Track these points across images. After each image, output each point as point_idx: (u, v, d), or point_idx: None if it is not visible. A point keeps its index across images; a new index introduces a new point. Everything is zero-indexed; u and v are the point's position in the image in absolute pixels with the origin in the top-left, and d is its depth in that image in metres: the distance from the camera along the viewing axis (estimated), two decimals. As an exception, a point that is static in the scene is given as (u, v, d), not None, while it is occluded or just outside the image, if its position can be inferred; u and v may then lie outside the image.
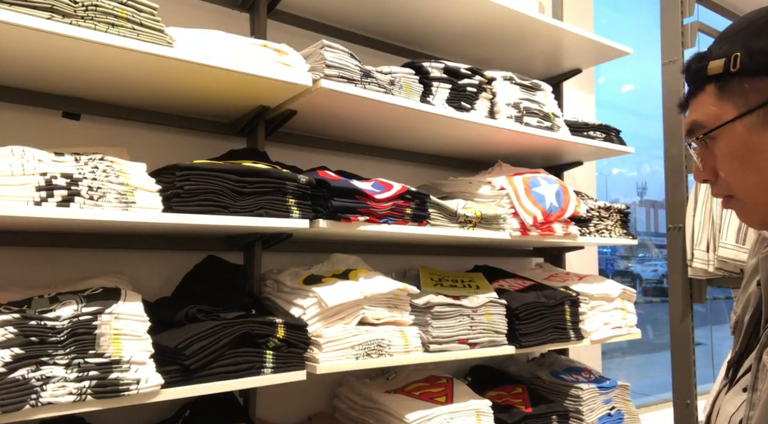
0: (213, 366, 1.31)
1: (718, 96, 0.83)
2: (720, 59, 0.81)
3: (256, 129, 1.77)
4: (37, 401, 1.08)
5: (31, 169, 1.13)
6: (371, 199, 1.60)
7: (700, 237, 2.61)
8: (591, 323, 2.14)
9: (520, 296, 1.95)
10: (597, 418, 2.12)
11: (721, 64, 0.81)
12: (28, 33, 1.17)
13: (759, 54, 0.78)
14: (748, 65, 0.79)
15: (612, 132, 2.40)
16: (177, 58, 1.32)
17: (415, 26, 2.14)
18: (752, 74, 0.79)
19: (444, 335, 1.73)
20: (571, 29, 2.22)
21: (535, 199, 2.00)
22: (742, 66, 0.79)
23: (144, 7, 1.29)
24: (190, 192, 1.33)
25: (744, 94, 0.80)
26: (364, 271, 1.72)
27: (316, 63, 1.58)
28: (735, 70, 0.80)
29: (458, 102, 1.90)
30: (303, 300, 1.54)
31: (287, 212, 1.48)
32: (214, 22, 1.84)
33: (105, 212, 1.20)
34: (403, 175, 2.27)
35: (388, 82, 1.71)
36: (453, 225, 1.82)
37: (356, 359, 1.53)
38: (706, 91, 0.84)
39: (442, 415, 1.71)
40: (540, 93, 2.16)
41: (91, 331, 1.15)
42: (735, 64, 0.80)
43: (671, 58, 2.79)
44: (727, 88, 0.81)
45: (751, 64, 0.79)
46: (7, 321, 1.08)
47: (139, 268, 1.68)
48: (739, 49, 0.80)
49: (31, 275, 1.52)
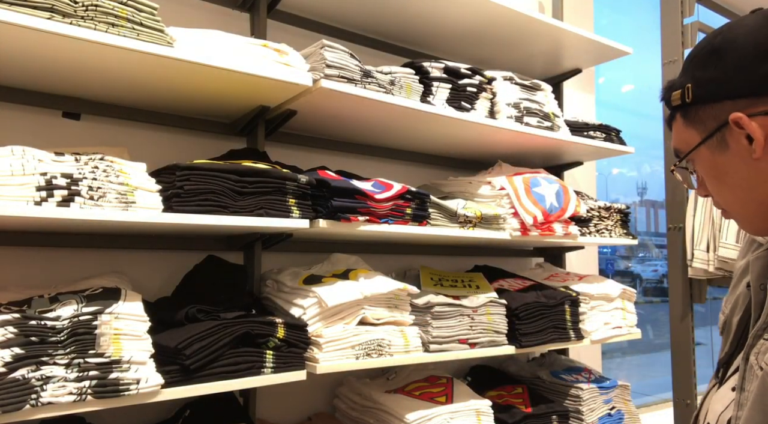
0: (213, 366, 1.31)
1: (685, 124, 0.89)
2: (678, 91, 0.87)
3: (256, 129, 1.77)
4: (37, 401, 1.08)
5: (31, 169, 1.13)
6: (371, 199, 1.60)
7: (700, 237, 2.61)
8: (591, 323, 2.14)
9: (520, 296, 1.95)
10: (597, 418, 2.12)
11: (679, 95, 0.87)
12: (28, 33, 1.17)
13: (705, 83, 0.84)
14: (699, 95, 0.85)
15: (612, 132, 2.40)
16: (177, 58, 1.32)
17: (415, 26, 2.14)
18: (704, 103, 0.85)
19: (444, 335, 1.73)
20: (571, 29, 2.22)
21: (535, 199, 2.00)
22: (695, 96, 0.85)
23: (144, 7, 1.29)
24: (190, 192, 1.33)
25: (702, 121, 0.86)
26: (364, 271, 1.72)
27: (316, 63, 1.58)
28: (690, 101, 0.86)
29: (458, 102, 1.90)
30: (303, 300, 1.55)
31: (287, 211, 1.48)
32: (214, 22, 1.84)
33: (105, 212, 1.20)
34: (403, 175, 2.27)
35: (388, 82, 1.71)
36: (453, 225, 1.82)
37: (356, 359, 1.53)
38: (677, 120, 0.91)
39: (442, 415, 1.71)
40: (540, 93, 2.16)
41: (91, 331, 1.15)
42: (689, 95, 0.86)
43: (671, 58, 2.79)
44: (689, 117, 0.88)
45: (700, 93, 0.84)
46: (7, 321, 1.08)
47: (139, 268, 1.68)
48: (689, 80, 0.86)
49: (31, 275, 1.52)
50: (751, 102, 0.80)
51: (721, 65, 0.82)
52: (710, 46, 0.84)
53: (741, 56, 0.80)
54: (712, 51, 0.84)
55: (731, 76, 0.81)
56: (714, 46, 0.84)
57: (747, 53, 0.79)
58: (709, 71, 0.83)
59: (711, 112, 0.84)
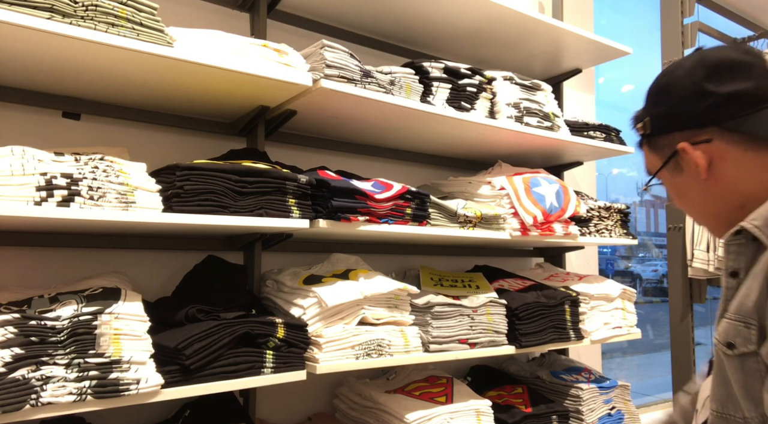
0: (213, 366, 1.31)
1: (649, 150, 1.04)
2: (640, 123, 1.03)
3: (256, 129, 1.77)
4: (37, 401, 1.08)
5: (31, 169, 1.13)
6: (371, 199, 1.60)
7: (700, 237, 2.61)
8: (591, 323, 2.14)
9: (520, 296, 1.95)
10: (597, 418, 2.11)
11: (641, 127, 1.03)
12: (28, 33, 1.17)
13: (659, 118, 0.99)
14: (655, 127, 1.00)
15: (612, 132, 2.40)
16: (177, 58, 1.32)
17: (415, 26, 2.14)
18: (660, 133, 0.99)
19: (444, 335, 1.73)
20: (571, 29, 2.22)
21: (535, 199, 2.00)
22: (652, 128, 1.00)
23: (144, 7, 1.29)
24: (190, 192, 1.33)
25: (661, 149, 1.00)
26: (364, 271, 1.72)
27: (316, 63, 1.58)
28: (649, 132, 1.02)
29: (458, 102, 1.90)
30: (303, 300, 1.54)
31: (287, 211, 1.48)
32: (214, 22, 1.84)
33: (105, 212, 1.20)
34: (403, 175, 2.27)
35: (388, 82, 1.71)
36: (453, 225, 1.82)
37: (356, 359, 1.53)
38: (644, 146, 1.06)
39: (442, 415, 1.71)
40: (540, 93, 2.16)
41: (91, 331, 1.15)
42: (648, 127, 1.02)
43: (671, 58, 2.79)
44: (651, 145, 1.03)
45: (656, 126, 1.00)
46: (7, 321, 1.08)
47: (139, 268, 1.68)
48: (647, 114, 1.01)
49: (31, 275, 1.52)
50: (694, 132, 0.94)
51: (668, 102, 0.97)
52: (659, 86, 1.00)
53: (682, 95, 0.95)
54: (661, 90, 0.99)
55: (677, 111, 0.96)
56: (661, 85, 0.99)
57: (686, 92, 0.94)
58: (660, 107, 0.99)
59: (666, 142, 0.99)
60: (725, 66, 0.93)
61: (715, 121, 0.93)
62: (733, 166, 0.93)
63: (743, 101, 0.91)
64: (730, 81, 0.92)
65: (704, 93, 0.93)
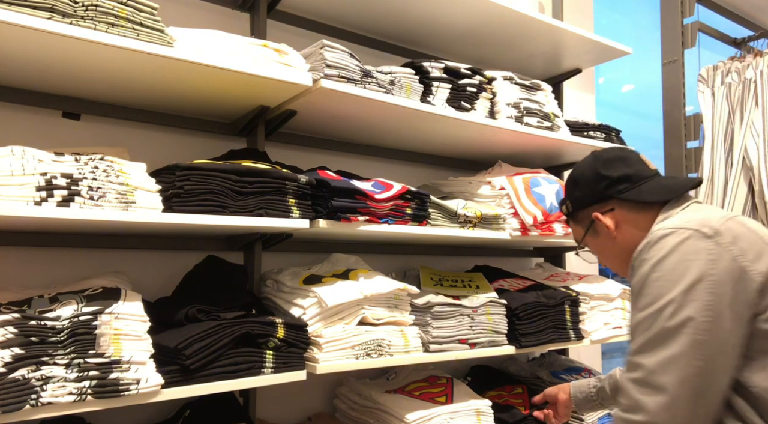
0: (213, 366, 1.31)
1: (573, 224, 1.47)
2: (564, 206, 1.48)
3: (256, 129, 1.77)
4: (37, 401, 1.08)
5: (31, 169, 1.13)
6: (371, 199, 1.60)
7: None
8: (591, 323, 2.13)
9: (520, 296, 1.95)
10: (597, 418, 2.11)
11: (564, 209, 1.48)
12: (28, 33, 1.17)
13: (575, 200, 1.43)
14: (574, 207, 1.44)
15: (612, 132, 2.40)
16: (177, 58, 1.32)
17: (415, 26, 2.14)
18: (578, 210, 1.42)
19: (444, 335, 1.73)
20: (571, 29, 2.22)
21: (536, 199, 2.00)
22: (573, 207, 1.44)
23: (144, 7, 1.29)
24: (190, 192, 1.33)
25: (581, 221, 1.43)
26: (364, 271, 1.72)
27: (316, 63, 1.58)
28: (572, 211, 1.45)
29: (458, 102, 1.90)
30: (303, 300, 1.54)
31: (287, 211, 1.48)
32: (214, 22, 1.84)
33: (105, 212, 1.20)
34: (403, 175, 2.27)
35: (388, 82, 1.71)
36: (453, 225, 1.82)
37: (356, 359, 1.53)
38: (570, 222, 1.49)
39: (442, 415, 1.71)
40: (540, 93, 2.16)
41: (91, 331, 1.15)
42: (569, 208, 1.46)
43: (671, 58, 2.79)
44: (574, 219, 1.46)
45: (574, 206, 1.43)
46: (7, 321, 1.08)
47: (139, 268, 1.68)
48: (567, 199, 1.46)
49: (31, 275, 1.52)
50: (601, 205, 1.37)
51: (580, 188, 1.41)
52: (571, 178, 1.45)
53: (588, 181, 1.39)
54: (573, 181, 1.44)
55: (586, 193, 1.39)
56: (573, 178, 1.44)
57: (590, 179, 1.38)
58: (575, 192, 1.43)
59: (584, 215, 1.41)
60: (612, 159, 1.37)
61: (613, 195, 1.34)
62: (631, 225, 1.32)
63: (629, 179, 1.33)
64: (619, 168, 1.34)
65: (603, 177, 1.35)
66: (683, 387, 1.02)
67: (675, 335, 1.04)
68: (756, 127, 2.58)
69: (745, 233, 1.13)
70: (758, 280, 1.06)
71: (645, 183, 1.33)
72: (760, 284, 1.06)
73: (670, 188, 1.32)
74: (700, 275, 1.06)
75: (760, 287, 1.06)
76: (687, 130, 2.91)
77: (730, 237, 1.10)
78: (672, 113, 2.90)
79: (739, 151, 2.61)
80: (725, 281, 1.05)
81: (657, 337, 1.07)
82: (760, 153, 2.53)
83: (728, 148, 2.67)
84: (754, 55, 2.71)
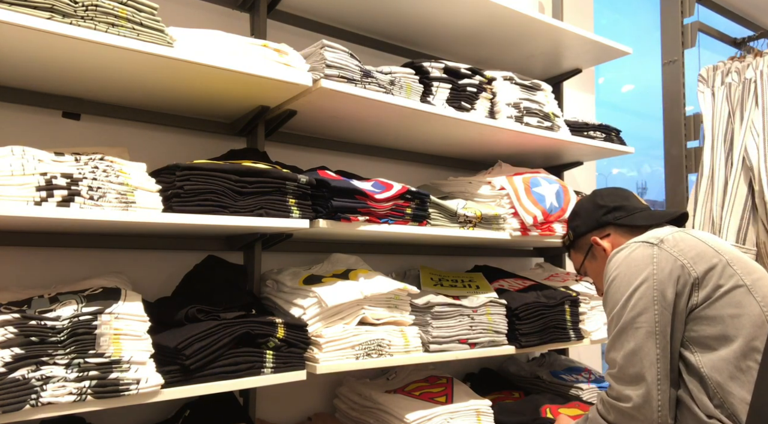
0: (213, 366, 1.31)
1: (573, 252, 1.73)
2: (566, 236, 1.75)
3: (256, 129, 1.77)
4: (37, 401, 1.08)
5: (31, 169, 1.13)
6: (371, 199, 1.60)
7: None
8: (591, 323, 2.14)
9: (520, 296, 1.95)
10: None
11: (566, 238, 1.75)
12: (28, 33, 1.17)
13: (576, 228, 1.68)
14: (575, 235, 1.69)
15: (612, 132, 2.40)
16: (177, 58, 1.32)
17: (415, 26, 2.14)
18: (578, 237, 1.67)
19: (444, 335, 1.73)
20: (571, 29, 2.22)
21: (535, 199, 2.00)
22: (574, 236, 1.69)
23: (144, 7, 1.29)
24: (190, 192, 1.33)
25: (581, 247, 1.68)
26: (364, 271, 1.72)
27: (316, 63, 1.58)
28: (572, 240, 1.71)
29: (458, 102, 1.90)
30: (303, 300, 1.54)
31: (287, 211, 1.48)
32: (214, 22, 1.84)
33: (105, 212, 1.20)
34: (403, 175, 2.27)
35: (388, 82, 1.71)
36: (453, 225, 1.82)
37: (356, 359, 1.53)
38: (570, 251, 1.75)
39: (442, 415, 1.71)
40: (540, 93, 2.16)
41: (91, 331, 1.15)
42: (570, 237, 1.72)
43: (671, 58, 2.79)
44: (574, 247, 1.71)
45: (575, 234, 1.69)
46: (7, 321, 1.08)
47: (139, 268, 1.68)
48: (570, 229, 1.72)
49: (31, 275, 1.52)
50: (598, 231, 1.61)
51: (580, 218, 1.67)
52: (573, 211, 1.73)
53: (587, 211, 1.65)
54: (574, 213, 1.72)
55: (586, 221, 1.64)
56: (574, 210, 1.72)
57: (588, 210, 1.64)
58: (576, 222, 1.69)
59: (583, 241, 1.66)
60: (610, 193, 1.64)
61: (610, 221, 1.58)
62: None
63: (624, 209, 1.57)
64: (615, 200, 1.60)
65: (600, 206, 1.61)
66: (650, 373, 1.21)
67: (632, 330, 1.25)
68: (756, 127, 2.58)
69: (690, 240, 1.33)
70: (694, 275, 1.26)
71: (638, 213, 1.56)
72: (695, 279, 1.26)
73: (660, 215, 1.54)
74: (645, 276, 1.28)
75: (695, 281, 1.26)
76: (687, 130, 2.91)
77: (673, 243, 1.32)
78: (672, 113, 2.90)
79: (739, 151, 2.61)
80: (666, 278, 1.26)
81: (619, 334, 1.28)
82: (760, 153, 2.53)
83: (728, 148, 2.67)
84: (754, 55, 2.71)
